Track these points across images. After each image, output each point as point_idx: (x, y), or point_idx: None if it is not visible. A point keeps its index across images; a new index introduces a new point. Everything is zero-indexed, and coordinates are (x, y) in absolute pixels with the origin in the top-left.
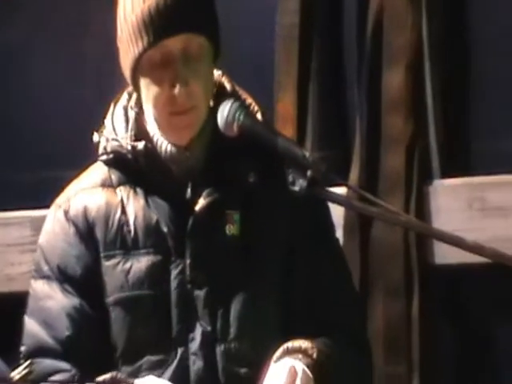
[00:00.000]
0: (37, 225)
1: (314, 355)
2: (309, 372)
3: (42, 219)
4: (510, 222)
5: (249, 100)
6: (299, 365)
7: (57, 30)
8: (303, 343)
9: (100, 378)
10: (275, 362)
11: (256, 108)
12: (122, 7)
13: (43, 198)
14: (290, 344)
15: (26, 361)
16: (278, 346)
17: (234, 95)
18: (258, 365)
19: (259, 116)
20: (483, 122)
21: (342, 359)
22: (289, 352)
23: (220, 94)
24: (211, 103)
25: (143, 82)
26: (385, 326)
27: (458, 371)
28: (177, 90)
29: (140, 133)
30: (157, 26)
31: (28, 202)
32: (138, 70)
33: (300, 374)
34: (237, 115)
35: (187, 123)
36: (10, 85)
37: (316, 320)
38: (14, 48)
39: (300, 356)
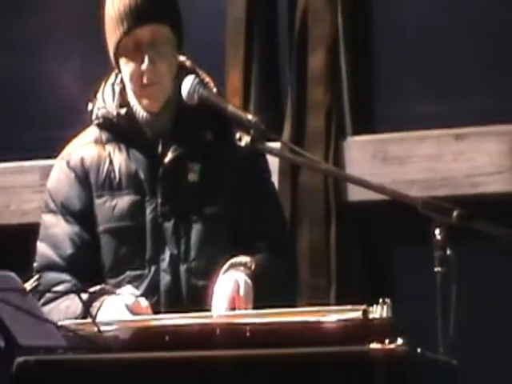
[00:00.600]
0: (45, 172)
1: (253, 267)
2: (249, 280)
3: (49, 167)
4: (405, 169)
5: (206, 78)
6: (241, 275)
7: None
8: (244, 258)
9: (92, 289)
10: (223, 274)
11: (211, 83)
12: (106, 5)
13: (50, 151)
14: (233, 260)
15: (37, 274)
16: (225, 262)
17: (194, 73)
18: (212, 278)
19: (214, 89)
20: (385, 92)
21: (273, 270)
22: (233, 266)
23: (183, 73)
24: (176, 79)
25: (122, 62)
26: (309, 248)
27: (364, 284)
28: (144, 67)
29: (123, 103)
30: (129, 19)
31: (38, 154)
32: (117, 53)
33: (242, 282)
34: (197, 88)
35: (153, 94)
36: (27, 65)
37: (255, 241)
38: (26, 34)
39: (242, 268)
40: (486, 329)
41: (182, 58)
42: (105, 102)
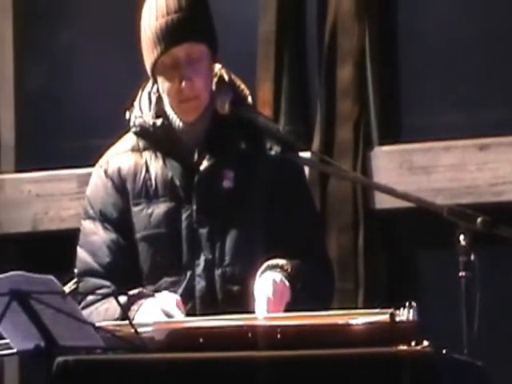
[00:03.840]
0: (81, 180)
1: (289, 269)
2: (286, 281)
3: (86, 176)
4: (430, 178)
5: (242, 86)
6: (278, 276)
7: (100, 30)
8: (280, 261)
9: (131, 292)
10: (260, 275)
11: (247, 92)
12: (142, 24)
13: (87, 160)
14: (270, 262)
15: (78, 280)
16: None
17: (231, 83)
18: (246, 283)
19: (249, 98)
20: (410, 103)
21: (309, 273)
22: (269, 267)
23: (220, 82)
24: (213, 88)
25: (160, 79)
26: (338, 253)
27: (391, 288)
28: (183, 85)
29: (159, 112)
30: (166, 39)
31: (75, 163)
32: (155, 70)
33: (279, 282)
34: (228, 100)
35: (191, 108)
36: (65, 75)
37: (289, 246)
38: (65, 43)
39: (278, 270)
40: (509, 331)
41: (218, 67)
42: (142, 111)
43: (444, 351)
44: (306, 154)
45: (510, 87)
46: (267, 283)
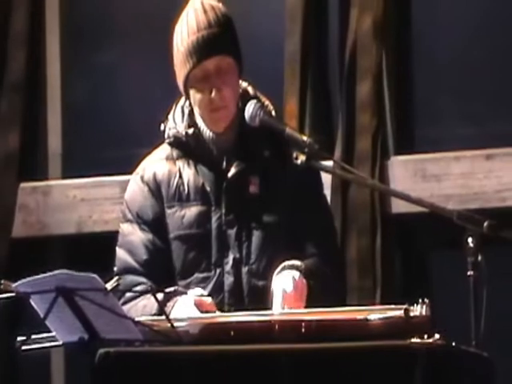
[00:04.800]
0: (123, 186)
1: (303, 270)
2: (303, 279)
3: (127, 182)
4: (441, 185)
5: (266, 101)
6: (297, 274)
7: (139, 50)
8: (296, 262)
9: (167, 290)
10: (276, 275)
11: (271, 107)
12: (175, 41)
13: (127, 167)
14: (286, 262)
15: (117, 277)
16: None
17: (256, 98)
18: (270, 279)
19: (273, 113)
20: (424, 116)
21: (322, 273)
22: (286, 268)
23: (246, 97)
24: (239, 103)
25: (191, 91)
26: (357, 254)
27: (405, 286)
28: (213, 95)
29: (191, 123)
30: (198, 53)
31: (117, 170)
32: (187, 83)
33: (298, 279)
34: (258, 112)
35: (221, 117)
36: (108, 89)
37: (307, 248)
38: (107, 61)
39: (294, 270)
40: None
41: (244, 84)
42: (175, 123)
43: (454, 344)
44: (328, 163)
45: None
46: (287, 280)
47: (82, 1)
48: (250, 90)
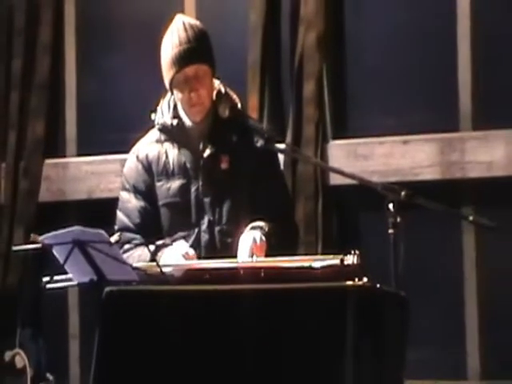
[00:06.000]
0: (122, 162)
1: (266, 229)
2: (264, 238)
3: (125, 159)
4: (368, 163)
5: (234, 96)
6: (258, 233)
7: (137, 55)
8: (261, 223)
9: (157, 242)
10: (245, 233)
11: (237, 100)
12: (162, 52)
13: (126, 147)
14: (253, 223)
15: (118, 232)
16: (247, 226)
17: (226, 94)
18: (237, 237)
19: (239, 104)
20: (355, 109)
21: (281, 232)
22: (253, 228)
23: (218, 93)
24: (214, 99)
25: (175, 91)
26: (304, 216)
27: (341, 241)
28: (192, 94)
29: (175, 114)
30: (180, 61)
31: (118, 149)
32: (172, 85)
33: (258, 238)
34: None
35: (198, 111)
36: (111, 87)
37: (267, 212)
38: (112, 64)
39: (258, 230)
40: (423, 269)
41: (217, 83)
42: (163, 114)
43: (378, 285)
44: (281, 146)
45: (427, 96)
46: (250, 237)
47: (93, 18)
48: (222, 88)
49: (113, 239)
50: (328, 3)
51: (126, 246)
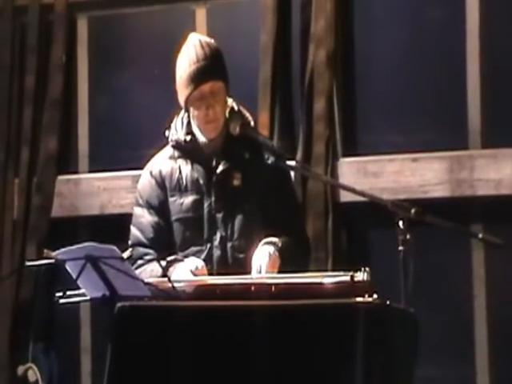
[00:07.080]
0: (134, 179)
1: (279, 245)
2: (277, 253)
3: (137, 176)
4: (378, 180)
5: (247, 114)
6: (272, 248)
7: (148, 74)
8: (273, 239)
9: (169, 258)
10: (257, 248)
11: (249, 117)
12: (178, 70)
13: (138, 164)
14: (266, 239)
15: (131, 248)
16: (259, 241)
17: (239, 112)
18: (249, 253)
19: (251, 122)
20: (365, 127)
21: (293, 248)
22: (266, 243)
23: (231, 111)
24: (227, 115)
25: (191, 108)
26: (313, 232)
27: (351, 257)
28: (208, 111)
29: (189, 131)
30: (196, 79)
31: (130, 166)
32: (188, 102)
33: (272, 253)
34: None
35: (213, 127)
36: (124, 104)
37: (280, 228)
38: (124, 82)
39: (272, 245)
40: (433, 287)
41: (230, 101)
42: (176, 131)
43: (387, 302)
44: (292, 163)
45: (437, 114)
46: (264, 253)
47: (104, 39)
48: (235, 105)
49: (125, 255)
50: (338, 21)
51: (139, 262)
